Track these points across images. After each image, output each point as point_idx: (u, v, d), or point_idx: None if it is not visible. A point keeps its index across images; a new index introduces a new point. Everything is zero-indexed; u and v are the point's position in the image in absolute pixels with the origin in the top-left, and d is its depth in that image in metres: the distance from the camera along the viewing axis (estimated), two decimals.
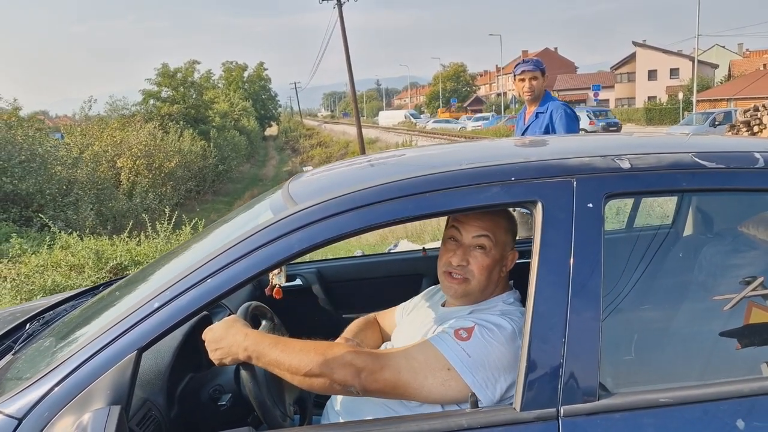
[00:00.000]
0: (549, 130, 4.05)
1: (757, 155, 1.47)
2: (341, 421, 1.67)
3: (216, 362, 1.53)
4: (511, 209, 1.80)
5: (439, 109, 77.05)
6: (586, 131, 30.70)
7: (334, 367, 1.42)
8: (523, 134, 4.31)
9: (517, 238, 1.75)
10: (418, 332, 1.69)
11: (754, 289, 1.59)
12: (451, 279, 1.64)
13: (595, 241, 1.36)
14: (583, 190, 1.39)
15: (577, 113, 4.31)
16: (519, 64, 4.25)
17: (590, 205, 1.38)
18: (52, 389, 1.29)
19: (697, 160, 1.46)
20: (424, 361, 1.45)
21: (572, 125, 4.05)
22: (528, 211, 1.45)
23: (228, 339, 1.51)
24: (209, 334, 1.55)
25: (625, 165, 1.44)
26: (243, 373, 1.52)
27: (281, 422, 1.54)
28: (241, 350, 1.49)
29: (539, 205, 1.39)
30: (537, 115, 4.16)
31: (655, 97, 54.41)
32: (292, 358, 1.45)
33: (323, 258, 3.47)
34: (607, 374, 1.38)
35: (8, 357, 1.71)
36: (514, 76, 4.28)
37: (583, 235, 1.36)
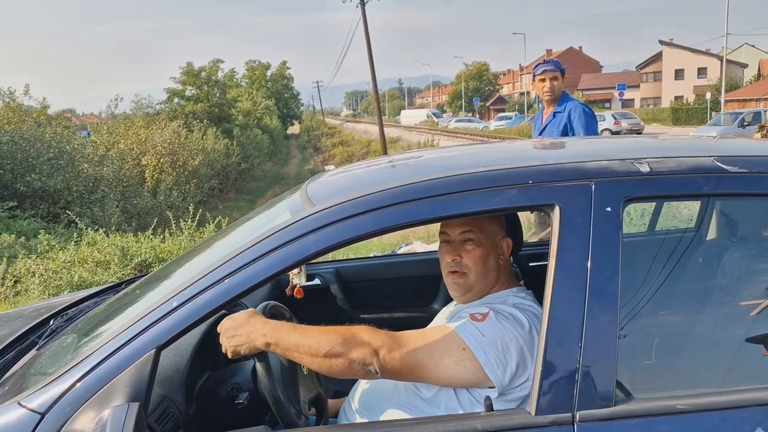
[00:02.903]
0: (567, 129, 4.06)
1: None
2: (358, 418, 1.69)
3: (230, 351, 1.52)
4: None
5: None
6: (610, 131, 30.33)
7: (352, 346, 1.45)
8: (540, 134, 4.32)
9: (537, 239, 1.74)
10: (436, 324, 1.73)
11: None
12: (452, 276, 1.69)
13: (613, 245, 1.35)
14: (601, 194, 1.38)
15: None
16: (539, 64, 4.25)
17: (608, 209, 1.37)
18: (73, 385, 1.32)
19: (718, 164, 1.44)
20: (440, 341, 1.50)
21: (591, 124, 4.05)
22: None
23: (247, 326, 1.52)
24: (228, 323, 1.56)
25: (645, 168, 1.42)
26: (259, 370, 1.54)
27: (296, 420, 1.55)
28: (260, 336, 1.49)
29: (557, 209, 1.38)
30: (555, 114, 4.17)
31: (682, 96, 53.51)
32: (311, 339, 1.47)
33: (342, 258, 3.49)
34: (624, 379, 1.37)
35: (32, 352, 1.75)
36: (534, 76, 4.28)
37: (601, 239, 1.35)
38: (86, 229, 8.37)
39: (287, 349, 1.49)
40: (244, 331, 1.52)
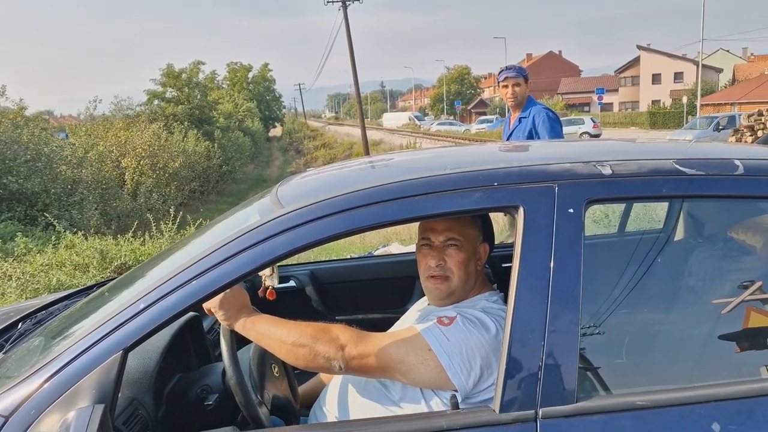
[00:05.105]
0: (532, 134, 4.16)
1: (737, 162, 1.49)
2: (329, 419, 1.70)
3: (214, 314, 1.63)
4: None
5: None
6: (590, 134, 30.65)
7: (320, 339, 1.50)
8: (508, 139, 4.42)
9: (512, 241, 1.77)
10: (404, 326, 1.73)
11: (752, 293, 1.60)
12: (434, 280, 1.69)
13: (575, 246, 1.38)
14: (564, 196, 1.41)
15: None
16: (502, 71, 4.35)
17: (571, 210, 1.40)
18: (38, 388, 1.32)
19: (677, 166, 1.47)
20: (407, 340, 1.52)
21: (555, 127, 4.17)
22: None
23: (237, 311, 1.62)
24: (227, 299, 1.62)
25: (607, 171, 1.46)
26: (228, 370, 1.55)
27: (261, 415, 1.56)
28: (240, 322, 1.60)
29: (521, 210, 1.41)
30: (520, 120, 4.28)
31: (659, 100, 54.28)
32: (283, 328, 1.54)
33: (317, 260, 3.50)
34: (586, 377, 1.40)
35: None
36: (498, 82, 4.38)
37: (564, 240, 1.38)
38: (64, 231, 8.27)
39: (259, 333, 1.57)
40: (233, 313, 1.61)
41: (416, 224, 1.75)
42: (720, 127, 24.04)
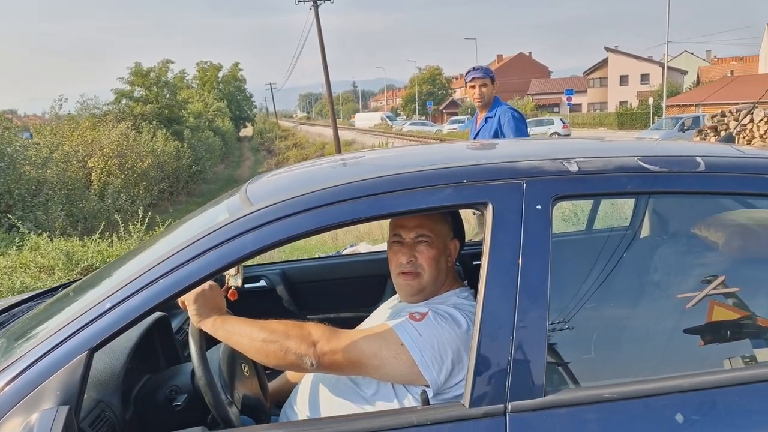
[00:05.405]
0: (498, 133, 4.26)
1: (699, 159, 1.53)
2: (300, 418, 1.69)
3: (187, 310, 1.62)
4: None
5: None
6: (559, 135, 31.10)
7: (291, 335, 1.49)
8: (474, 138, 4.50)
9: (479, 239, 1.79)
10: (375, 323, 1.74)
11: (715, 288, 1.64)
12: (405, 277, 1.70)
13: (543, 242, 1.40)
14: (532, 193, 1.43)
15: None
16: (469, 71, 4.43)
17: (539, 207, 1.42)
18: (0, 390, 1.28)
19: (641, 163, 1.50)
20: (379, 336, 1.53)
21: (520, 126, 4.27)
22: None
23: (210, 311, 1.61)
24: (203, 295, 1.62)
25: (573, 168, 1.48)
26: (197, 370, 1.53)
27: (231, 415, 1.54)
28: (210, 321, 1.59)
29: (490, 207, 1.42)
30: (486, 120, 4.38)
31: (626, 101, 55.38)
32: (253, 326, 1.53)
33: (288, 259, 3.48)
34: (555, 371, 1.42)
35: None
36: (466, 83, 4.46)
37: (532, 236, 1.40)
38: (29, 233, 8.08)
39: (228, 331, 1.55)
40: (206, 310, 1.60)
41: (387, 223, 1.75)
42: (685, 128, 24.62)
